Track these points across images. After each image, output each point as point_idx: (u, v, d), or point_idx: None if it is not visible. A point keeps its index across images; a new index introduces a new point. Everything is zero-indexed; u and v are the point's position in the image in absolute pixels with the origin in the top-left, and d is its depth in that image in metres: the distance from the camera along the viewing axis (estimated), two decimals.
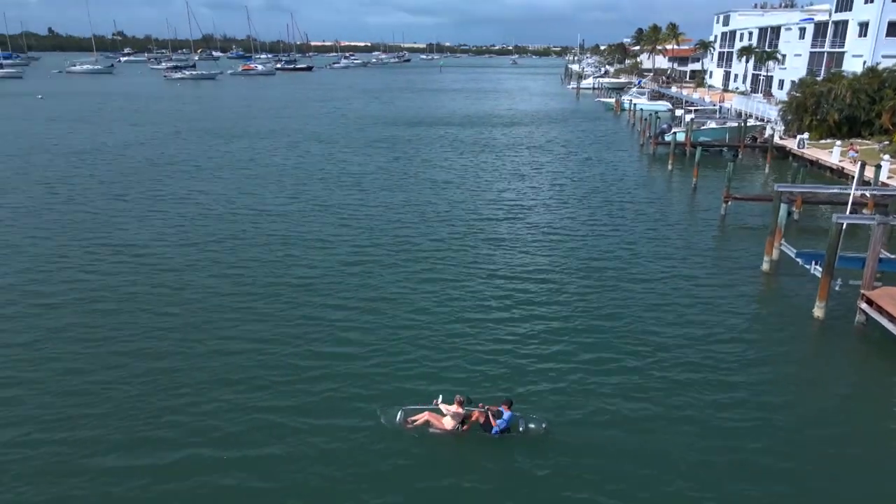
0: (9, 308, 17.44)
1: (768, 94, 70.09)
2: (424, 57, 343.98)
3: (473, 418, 12.44)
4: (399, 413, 12.65)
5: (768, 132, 46.08)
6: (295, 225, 25.77)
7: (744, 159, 42.85)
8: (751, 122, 47.89)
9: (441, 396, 12.60)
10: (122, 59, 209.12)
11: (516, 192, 32.27)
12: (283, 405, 13.18)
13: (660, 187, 35.01)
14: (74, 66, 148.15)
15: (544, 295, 18.96)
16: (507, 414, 12.28)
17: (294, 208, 28.45)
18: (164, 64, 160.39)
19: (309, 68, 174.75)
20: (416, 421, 12.50)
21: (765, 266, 21.45)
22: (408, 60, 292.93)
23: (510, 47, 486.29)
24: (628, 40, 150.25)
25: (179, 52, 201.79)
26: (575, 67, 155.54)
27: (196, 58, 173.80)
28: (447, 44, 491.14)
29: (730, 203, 28.28)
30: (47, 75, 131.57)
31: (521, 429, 12.40)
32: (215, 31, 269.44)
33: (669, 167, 39.73)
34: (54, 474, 11.08)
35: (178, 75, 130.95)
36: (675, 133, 44.63)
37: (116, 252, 22.08)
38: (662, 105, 68.58)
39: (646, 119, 51.48)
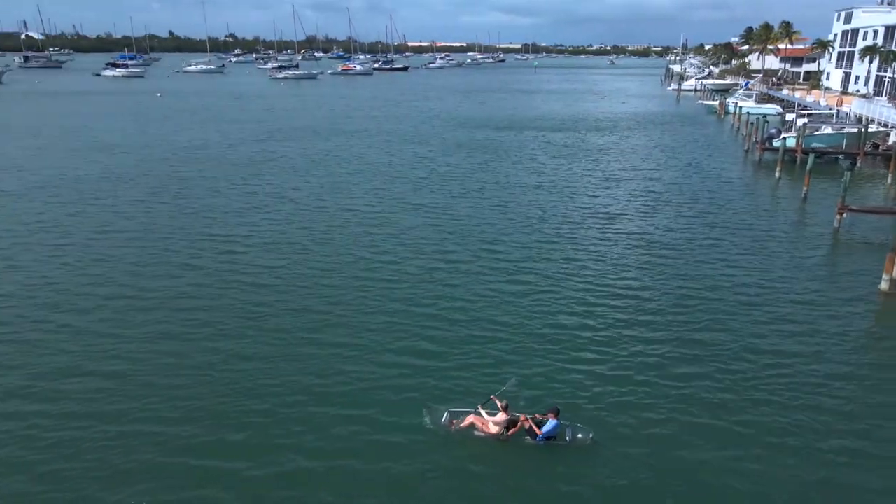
0: (113, 300, 18.76)
1: (895, 97, 64.35)
2: (519, 57, 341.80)
3: (518, 424, 12.31)
4: (445, 414, 12.71)
5: (893, 139, 42.28)
6: (383, 224, 26.21)
7: (863, 168, 39.52)
8: (872, 128, 44.08)
9: (488, 400, 12.54)
10: (232, 59, 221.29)
11: (610, 199, 31.31)
12: (337, 392, 13.73)
13: (765, 196, 32.90)
14: (190, 65, 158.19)
15: (630, 307, 18.31)
16: (552, 422, 12.09)
17: (383, 207, 28.96)
18: (269, 64, 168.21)
19: (405, 68, 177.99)
20: (460, 423, 12.50)
21: (883, 285, 19.65)
22: (502, 61, 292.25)
23: (608, 47, 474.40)
24: (736, 39, 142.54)
25: (284, 52, 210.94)
26: (676, 68, 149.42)
27: (299, 58, 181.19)
28: (543, 44, 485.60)
29: (845, 215, 26.13)
30: (166, 75, 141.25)
31: (567, 438, 12.14)
32: (318, 33, 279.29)
33: (777, 175, 37.25)
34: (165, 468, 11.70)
35: (283, 75, 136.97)
36: (784, 138, 41.81)
37: (213, 245, 23.33)
38: (771, 108, 64.55)
39: (752, 123, 48.56)
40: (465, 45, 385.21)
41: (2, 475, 11.13)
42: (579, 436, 12.17)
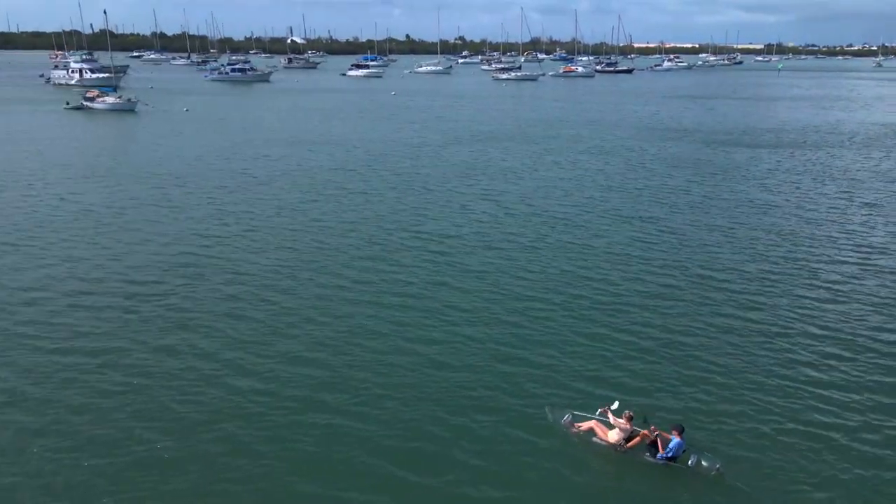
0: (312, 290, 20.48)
1: None
2: (759, 59, 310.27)
3: (640, 437, 11.82)
4: (567, 415, 12.69)
5: None
6: (589, 235, 25.36)
7: None
8: None
9: (614, 405, 12.32)
10: (459, 61, 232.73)
11: (867, 230, 26.81)
12: (468, 382, 14.22)
13: None
14: (420, 66, 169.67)
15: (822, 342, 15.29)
16: (675, 441, 11.43)
17: (590, 217, 28.03)
18: (494, 66, 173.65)
19: (629, 71, 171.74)
20: (581, 427, 12.40)
21: None
22: (739, 62, 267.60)
23: (874, 47, 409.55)
24: None
25: (508, 54, 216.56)
26: None
27: (522, 59, 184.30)
28: (789, 44, 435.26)
29: None
30: (400, 75, 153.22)
31: (690, 462, 11.33)
32: (543, 34, 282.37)
33: None
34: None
35: (505, 76, 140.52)
36: None
37: (413, 242, 24.38)
38: None
39: None
40: (697, 45, 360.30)
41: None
42: (704, 463, 11.25)
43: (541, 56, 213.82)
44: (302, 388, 13.95)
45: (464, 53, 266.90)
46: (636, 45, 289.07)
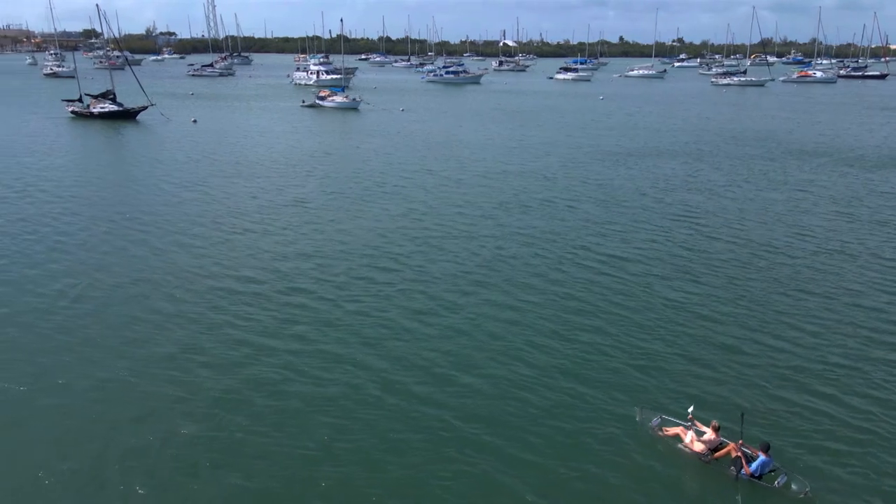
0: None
1: None
2: None
3: (726, 450, 11.70)
4: (656, 419, 12.78)
5: None
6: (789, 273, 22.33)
7: None
8: None
9: (689, 409, 12.38)
10: (675, 64, 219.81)
11: None
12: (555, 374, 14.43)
13: None
14: (632, 70, 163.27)
15: None
16: (762, 458, 11.16)
17: (809, 253, 24.66)
18: (714, 69, 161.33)
19: (882, 76, 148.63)
20: (668, 432, 12.46)
21: None
22: None
23: None
24: None
25: (733, 57, 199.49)
26: None
27: (748, 63, 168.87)
28: None
29: None
30: (610, 79, 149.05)
31: (776, 483, 11.01)
32: (776, 35, 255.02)
33: None
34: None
35: (725, 81, 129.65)
36: None
37: (596, 255, 23.30)
38: None
39: None
40: None
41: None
42: (793, 486, 10.91)
43: (771, 59, 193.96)
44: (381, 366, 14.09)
45: (681, 56, 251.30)
46: (893, 47, 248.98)
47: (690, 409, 12.40)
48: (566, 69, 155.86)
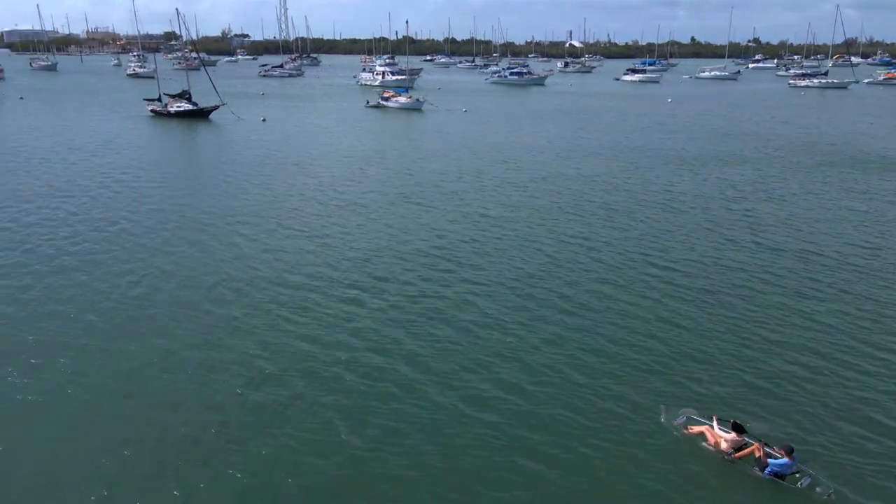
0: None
1: None
2: None
3: (748, 450, 11.87)
4: (682, 416, 13.04)
5: None
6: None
7: None
8: None
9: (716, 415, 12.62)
10: (749, 65, 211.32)
11: None
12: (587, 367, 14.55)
13: None
14: (703, 71, 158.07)
15: None
16: (783, 460, 11.31)
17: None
18: (792, 70, 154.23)
19: None
20: (693, 430, 12.71)
21: None
22: None
23: None
24: None
25: (813, 57, 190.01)
26: None
27: (830, 64, 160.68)
28: None
29: None
30: (679, 80, 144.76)
31: (799, 484, 11.09)
32: (861, 35, 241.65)
33: None
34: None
35: (804, 83, 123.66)
36: None
37: (653, 261, 22.70)
38: None
39: None
40: None
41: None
42: (818, 489, 10.94)
43: (855, 60, 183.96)
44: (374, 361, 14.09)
45: (756, 57, 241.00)
46: None
47: (716, 419, 12.60)
48: (633, 70, 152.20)
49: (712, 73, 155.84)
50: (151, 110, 67.80)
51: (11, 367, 15.16)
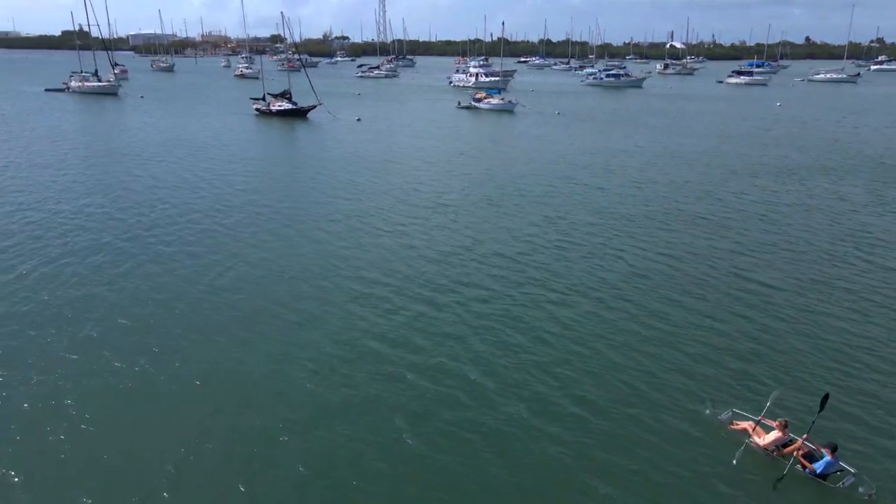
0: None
1: None
2: None
3: (792, 447, 11.79)
4: (728, 412, 13.10)
5: None
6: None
7: None
8: None
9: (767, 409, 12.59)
10: (871, 67, 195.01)
11: None
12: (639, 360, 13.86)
13: None
14: (818, 73, 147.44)
15: None
16: (827, 459, 11.26)
17: None
18: None
19: None
20: (738, 425, 12.73)
21: None
22: None
23: None
24: None
25: None
26: None
27: None
28: None
29: None
30: (790, 83, 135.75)
31: (841, 483, 11.12)
32: None
33: None
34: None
35: None
36: None
37: (736, 275, 21.12)
38: None
39: None
40: None
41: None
42: (860, 488, 10.94)
43: None
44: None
45: (879, 58, 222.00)
46: None
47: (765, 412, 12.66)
48: (739, 72, 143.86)
49: (828, 76, 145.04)
50: (256, 109, 71.22)
51: (107, 350, 16.20)
